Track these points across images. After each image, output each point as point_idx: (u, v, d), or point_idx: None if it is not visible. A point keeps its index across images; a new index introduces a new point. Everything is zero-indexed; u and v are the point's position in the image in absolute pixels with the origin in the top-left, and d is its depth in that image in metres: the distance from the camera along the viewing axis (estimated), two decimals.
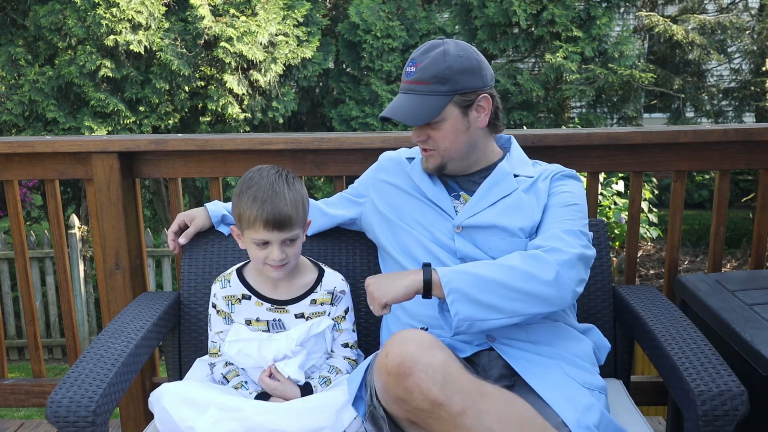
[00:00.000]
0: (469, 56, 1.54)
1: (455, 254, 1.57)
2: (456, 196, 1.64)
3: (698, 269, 6.88)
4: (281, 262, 1.49)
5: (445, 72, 1.50)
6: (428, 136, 1.57)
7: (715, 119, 6.96)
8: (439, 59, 1.51)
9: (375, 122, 6.13)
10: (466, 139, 1.57)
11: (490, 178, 1.61)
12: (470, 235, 1.58)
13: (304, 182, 2.16)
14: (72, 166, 2.15)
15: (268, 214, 1.44)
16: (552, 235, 1.49)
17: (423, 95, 1.52)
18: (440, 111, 1.52)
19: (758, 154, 2.10)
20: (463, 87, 1.52)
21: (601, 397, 1.46)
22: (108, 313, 2.18)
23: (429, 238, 1.60)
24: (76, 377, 1.39)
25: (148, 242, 5.30)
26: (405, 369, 1.21)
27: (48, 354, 5.75)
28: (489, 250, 1.56)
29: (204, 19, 5.47)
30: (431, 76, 1.51)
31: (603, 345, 1.63)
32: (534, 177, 1.63)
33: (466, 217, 1.58)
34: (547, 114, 6.81)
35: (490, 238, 1.56)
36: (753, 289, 1.83)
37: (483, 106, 1.56)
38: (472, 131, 1.57)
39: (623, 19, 7.21)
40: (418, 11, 6.28)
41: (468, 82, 1.53)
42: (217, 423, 1.38)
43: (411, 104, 1.53)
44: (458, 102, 1.53)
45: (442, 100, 1.51)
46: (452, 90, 1.51)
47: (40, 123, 5.73)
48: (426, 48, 1.55)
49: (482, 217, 1.57)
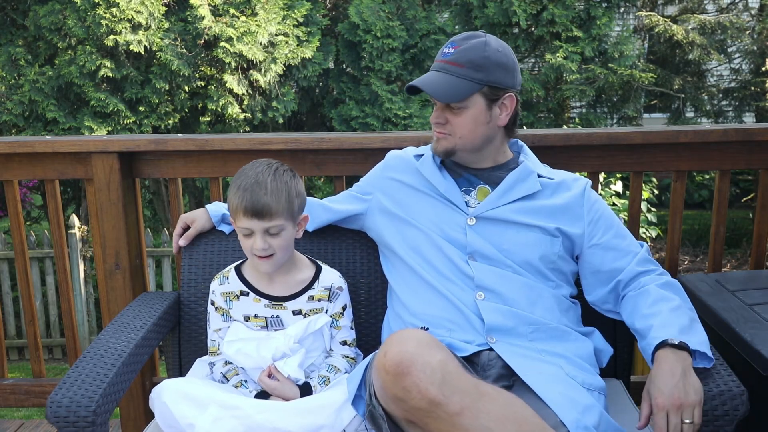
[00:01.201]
0: (507, 54, 1.58)
1: (465, 249, 1.58)
2: (467, 191, 1.65)
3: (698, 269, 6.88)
4: (264, 252, 1.51)
5: (482, 60, 1.53)
6: (447, 120, 1.59)
7: (715, 119, 6.95)
8: (480, 47, 1.55)
9: (375, 122, 6.13)
10: (483, 132, 1.59)
11: (515, 174, 1.62)
12: (484, 229, 1.59)
13: (304, 182, 2.17)
14: (72, 166, 2.15)
15: (247, 201, 1.48)
16: (645, 259, 1.63)
17: (455, 77, 1.55)
18: (468, 96, 1.54)
19: (758, 154, 2.10)
20: (495, 80, 1.55)
21: (601, 398, 1.46)
22: (108, 313, 2.18)
23: (438, 234, 1.60)
24: (76, 377, 1.39)
25: (148, 242, 5.30)
26: (403, 368, 1.21)
27: (48, 354, 5.75)
28: (501, 243, 1.57)
29: (204, 19, 5.47)
30: (468, 60, 1.54)
31: (605, 349, 1.64)
32: (555, 180, 1.65)
33: (486, 209, 1.59)
34: (547, 114, 6.81)
35: (506, 231, 1.58)
36: (753, 289, 1.83)
37: (507, 104, 1.59)
38: (491, 126, 1.59)
39: (623, 19, 7.21)
40: (418, 11, 6.28)
41: (500, 77, 1.55)
42: (217, 421, 1.38)
43: (441, 81, 1.56)
44: (486, 93, 1.56)
45: (472, 86, 1.54)
46: (484, 80, 1.54)
47: (40, 123, 5.73)
48: (468, 35, 1.58)
49: (502, 211, 1.59)
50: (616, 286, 1.61)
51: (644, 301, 1.52)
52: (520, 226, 1.58)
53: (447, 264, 1.58)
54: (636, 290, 1.57)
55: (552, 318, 1.55)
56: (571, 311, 1.62)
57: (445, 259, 1.58)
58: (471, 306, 1.53)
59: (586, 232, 1.62)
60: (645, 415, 1.34)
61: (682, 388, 1.31)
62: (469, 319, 1.52)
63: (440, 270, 1.58)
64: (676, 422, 1.29)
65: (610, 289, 1.62)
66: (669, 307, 1.49)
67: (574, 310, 1.63)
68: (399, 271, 1.67)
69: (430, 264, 1.60)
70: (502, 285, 1.54)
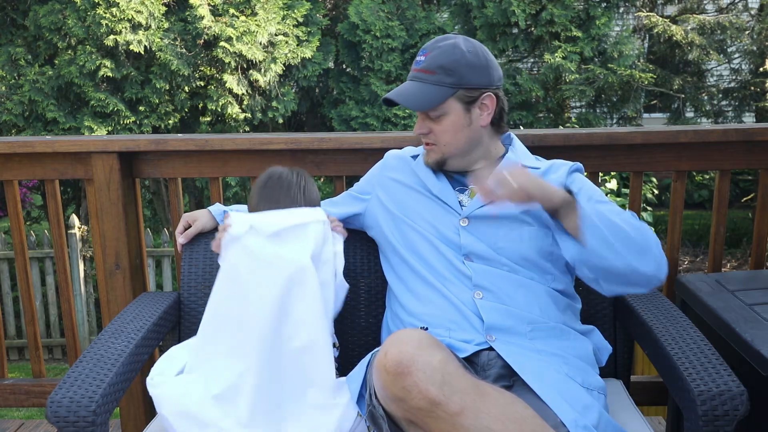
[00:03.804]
0: (478, 53, 1.56)
1: (460, 250, 1.58)
2: (461, 190, 1.65)
3: (698, 269, 6.88)
4: None
5: (452, 64, 1.53)
6: (430, 129, 1.59)
7: (715, 119, 6.96)
8: (449, 51, 1.54)
9: (375, 122, 6.13)
10: (466, 135, 1.59)
11: (497, 169, 1.61)
12: (476, 229, 1.58)
13: None
14: (72, 166, 2.15)
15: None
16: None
17: (428, 84, 1.55)
18: (442, 101, 1.54)
19: (758, 154, 2.10)
20: (468, 82, 1.54)
21: (601, 398, 1.46)
22: (108, 313, 2.18)
23: (434, 234, 1.60)
24: (76, 377, 1.39)
25: (148, 242, 5.30)
26: (403, 368, 1.21)
27: (48, 354, 5.75)
28: (496, 241, 1.57)
29: (203, 19, 5.48)
30: (438, 66, 1.53)
31: (604, 347, 1.63)
32: (540, 168, 1.64)
33: (475, 208, 1.59)
34: (546, 114, 6.82)
35: (499, 229, 1.58)
36: (753, 289, 1.83)
37: (487, 104, 1.58)
38: (473, 128, 1.59)
39: (622, 19, 7.22)
40: (418, 11, 6.28)
41: (473, 78, 1.55)
42: None
43: (413, 90, 1.56)
44: (461, 97, 1.55)
45: (445, 92, 1.54)
46: (456, 83, 1.53)
47: (40, 123, 5.73)
48: (438, 39, 1.58)
49: (491, 207, 1.58)
50: None
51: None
52: (512, 221, 1.58)
53: (444, 263, 1.58)
54: None
55: (550, 317, 1.55)
56: (570, 310, 1.61)
57: (443, 259, 1.58)
58: (470, 305, 1.53)
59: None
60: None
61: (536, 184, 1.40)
62: (468, 318, 1.52)
63: (438, 269, 1.58)
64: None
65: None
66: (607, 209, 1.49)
67: (573, 309, 1.63)
68: (398, 271, 1.67)
69: (428, 263, 1.60)
70: (499, 285, 1.54)
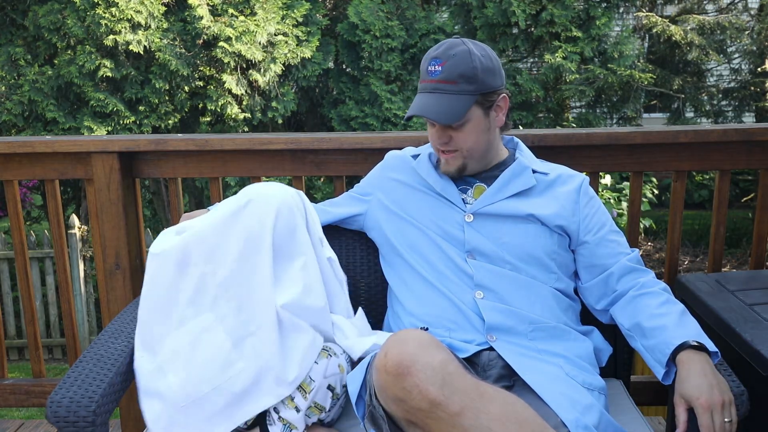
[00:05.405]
0: (490, 56, 1.56)
1: (463, 246, 1.58)
2: (464, 189, 1.65)
3: (698, 269, 6.88)
4: None
5: (472, 72, 1.51)
6: (450, 138, 1.57)
7: (714, 119, 6.96)
8: (465, 59, 1.51)
9: (375, 122, 6.12)
10: (486, 139, 1.59)
11: (510, 170, 1.62)
12: (481, 225, 1.59)
13: (304, 182, 2.17)
14: (72, 166, 2.15)
15: None
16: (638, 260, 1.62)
17: (451, 95, 1.51)
18: (468, 111, 1.52)
19: (758, 154, 2.10)
20: (487, 87, 1.53)
21: (601, 398, 1.46)
22: (108, 313, 2.18)
23: (437, 232, 1.61)
24: (76, 377, 1.39)
25: (148, 242, 5.28)
26: (403, 369, 1.21)
27: (48, 354, 5.75)
28: (500, 237, 1.57)
29: (203, 19, 5.47)
30: (458, 75, 1.50)
31: (604, 347, 1.64)
32: (549, 174, 1.65)
33: (483, 205, 1.59)
34: (546, 114, 6.81)
35: (504, 225, 1.58)
36: (753, 289, 1.83)
37: (501, 105, 1.58)
38: (492, 130, 1.59)
39: (622, 20, 7.21)
40: (418, 11, 6.28)
41: (491, 81, 1.54)
42: None
43: (440, 103, 1.52)
44: (481, 102, 1.54)
45: (468, 100, 1.52)
46: (477, 90, 1.52)
47: (40, 123, 5.73)
48: (447, 46, 1.53)
49: (499, 207, 1.59)
50: (607, 278, 1.60)
51: (653, 301, 1.52)
52: (517, 219, 1.59)
53: (446, 262, 1.58)
54: (639, 290, 1.56)
55: (551, 317, 1.55)
56: (571, 310, 1.62)
57: (445, 258, 1.58)
58: (471, 305, 1.53)
59: (581, 227, 1.61)
60: (684, 420, 1.33)
61: (718, 387, 1.32)
62: (469, 318, 1.52)
63: (439, 269, 1.58)
64: (721, 421, 1.29)
65: (600, 280, 1.61)
66: (677, 310, 1.49)
67: (574, 309, 1.63)
68: (398, 271, 1.67)
69: (430, 263, 1.60)
70: (501, 284, 1.54)
